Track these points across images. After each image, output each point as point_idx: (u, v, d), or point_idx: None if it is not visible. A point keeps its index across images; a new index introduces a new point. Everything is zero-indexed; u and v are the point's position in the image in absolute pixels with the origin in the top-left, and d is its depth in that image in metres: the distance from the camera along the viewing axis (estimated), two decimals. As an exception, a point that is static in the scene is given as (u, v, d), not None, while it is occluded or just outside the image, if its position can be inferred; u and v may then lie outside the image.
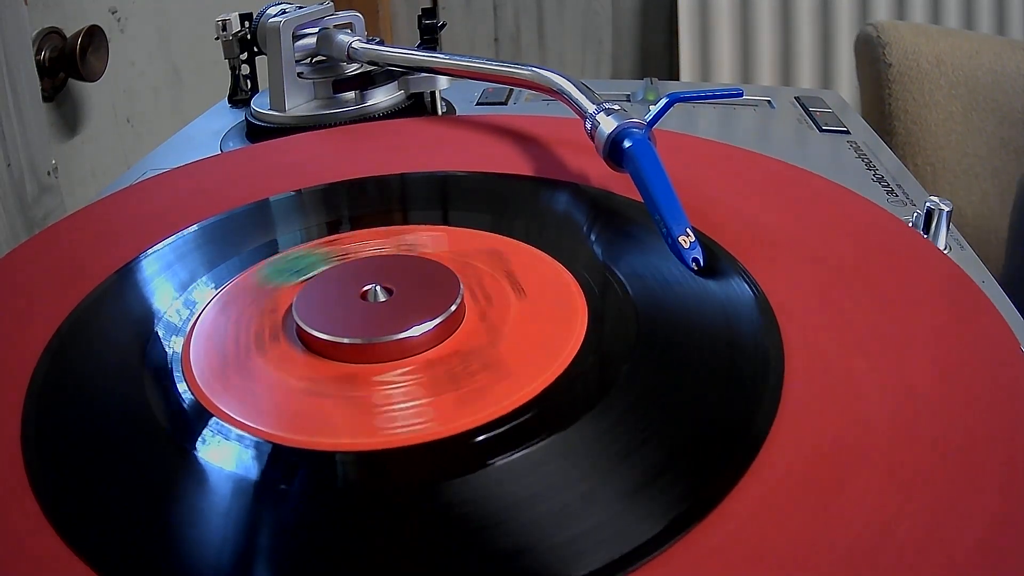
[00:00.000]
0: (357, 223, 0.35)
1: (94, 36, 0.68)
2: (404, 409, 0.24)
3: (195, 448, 0.23)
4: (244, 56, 0.58)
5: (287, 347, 0.27)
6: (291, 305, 0.27)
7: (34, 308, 0.30)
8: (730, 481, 0.21)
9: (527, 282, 0.29)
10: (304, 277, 0.30)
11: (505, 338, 0.27)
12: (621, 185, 0.34)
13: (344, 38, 0.50)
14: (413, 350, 0.26)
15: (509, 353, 0.26)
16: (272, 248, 0.33)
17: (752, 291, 0.28)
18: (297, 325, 0.27)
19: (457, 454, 0.22)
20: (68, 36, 0.69)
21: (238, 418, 0.24)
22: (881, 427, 0.22)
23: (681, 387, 0.24)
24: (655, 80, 0.61)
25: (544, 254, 0.31)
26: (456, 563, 0.19)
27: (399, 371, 0.25)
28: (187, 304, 0.30)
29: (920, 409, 0.23)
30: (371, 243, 0.33)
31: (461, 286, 0.28)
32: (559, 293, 0.29)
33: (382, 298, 0.28)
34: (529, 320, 0.27)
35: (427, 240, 0.33)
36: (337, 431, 0.23)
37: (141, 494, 0.22)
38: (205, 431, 0.24)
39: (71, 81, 0.71)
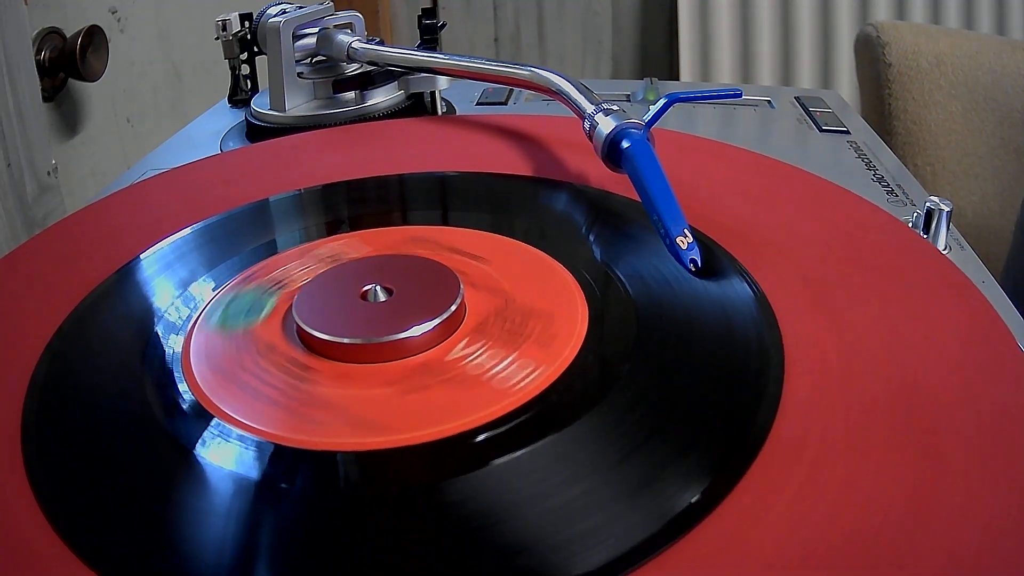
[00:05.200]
0: (357, 223, 0.35)
1: (94, 36, 0.68)
2: (406, 409, 0.24)
3: (196, 448, 0.23)
4: (244, 56, 0.58)
5: (287, 347, 0.27)
6: (291, 305, 0.28)
7: (35, 307, 0.30)
8: (730, 481, 0.21)
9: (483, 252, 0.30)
10: (253, 318, 0.28)
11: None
12: (621, 185, 0.34)
13: (344, 38, 0.50)
14: (413, 350, 0.26)
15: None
16: (271, 248, 0.33)
17: (752, 291, 0.28)
18: (297, 325, 0.27)
19: (457, 454, 0.22)
20: (68, 36, 0.69)
21: (238, 418, 0.24)
22: (881, 428, 0.22)
23: (681, 387, 0.24)
24: (655, 80, 0.61)
25: (536, 249, 0.31)
26: (456, 563, 0.19)
27: (401, 370, 0.25)
28: (187, 304, 0.30)
29: (920, 410, 0.23)
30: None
31: (461, 286, 0.28)
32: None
33: (382, 298, 0.28)
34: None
35: (341, 249, 0.32)
36: (337, 431, 0.23)
37: (141, 494, 0.22)
38: (206, 431, 0.24)
39: (71, 81, 0.71)
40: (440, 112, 0.52)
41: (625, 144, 0.33)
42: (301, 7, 0.51)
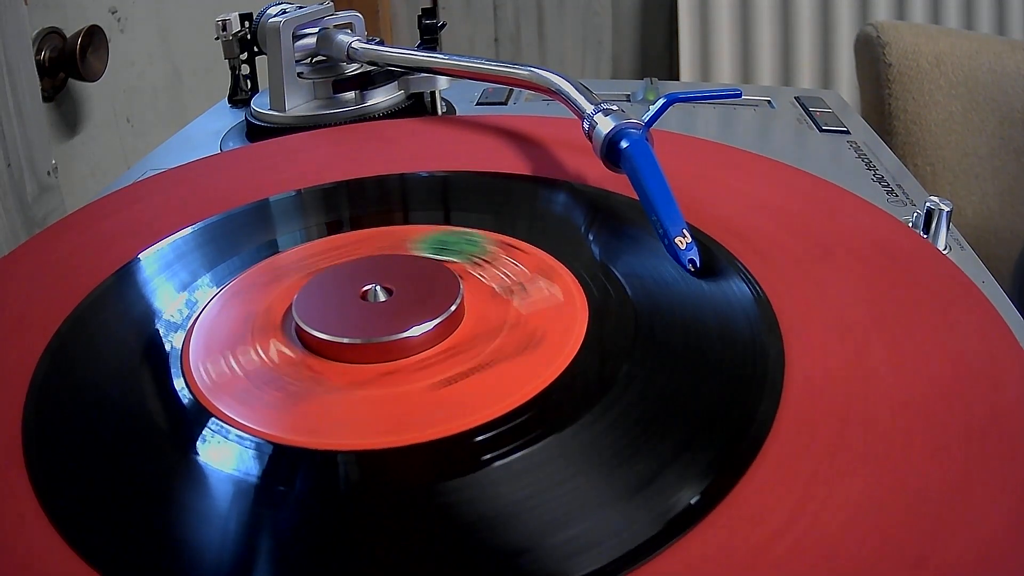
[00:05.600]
0: (357, 223, 0.35)
1: (94, 36, 0.68)
2: (404, 408, 0.24)
3: (195, 448, 0.23)
4: (244, 56, 0.58)
5: (287, 347, 0.27)
6: (291, 305, 0.28)
7: (34, 308, 0.30)
8: (729, 481, 0.21)
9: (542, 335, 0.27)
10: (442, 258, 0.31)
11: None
12: (621, 185, 0.34)
13: (344, 38, 0.50)
14: (413, 350, 0.26)
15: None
16: (272, 248, 0.33)
17: (752, 291, 0.28)
18: (297, 325, 0.27)
19: (457, 454, 0.22)
20: (68, 36, 0.69)
21: (237, 418, 0.24)
22: (881, 427, 0.22)
23: (681, 387, 0.24)
24: (655, 80, 0.61)
25: (556, 260, 0.31)
26: (456, 563, 0.19)
27: (400, 370, 0.25)
28: (187, 304, 0.30)
29: (920, 409, 0.23)
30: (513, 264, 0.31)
31: (461, 286, 0.28)
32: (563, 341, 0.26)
33: (382, 298, 0.28)
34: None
35: (550, 292, 0.29)
36: (337, 431, 0.23)
37: (141, 494, 0.22)
38: (204, 431, 0.24)
39: (71, 81, 0.71)
40: (440, 112, 0.52)
41: (624, 144, 0.33)
42: (301, 7, 0.51)
